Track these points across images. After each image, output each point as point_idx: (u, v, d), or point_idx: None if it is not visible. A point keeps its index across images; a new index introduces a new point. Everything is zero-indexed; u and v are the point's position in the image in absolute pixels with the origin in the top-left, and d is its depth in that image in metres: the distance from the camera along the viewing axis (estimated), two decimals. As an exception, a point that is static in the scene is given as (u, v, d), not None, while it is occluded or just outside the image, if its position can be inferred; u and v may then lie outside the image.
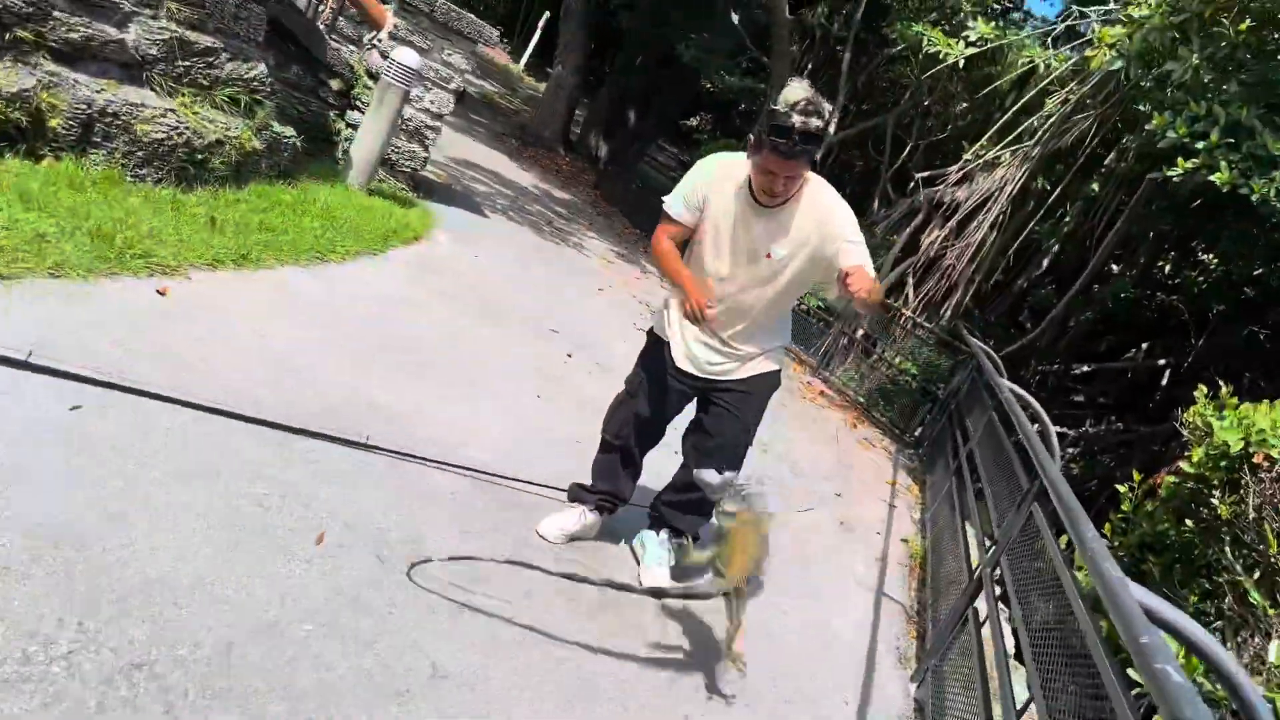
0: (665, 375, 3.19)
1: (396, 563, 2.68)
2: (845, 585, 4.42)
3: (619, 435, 3.31)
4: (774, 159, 2.66)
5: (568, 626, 2.84)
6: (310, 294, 4.35)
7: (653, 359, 3.26)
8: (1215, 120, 5.09)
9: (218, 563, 2.31)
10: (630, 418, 3.28)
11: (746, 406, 3.19)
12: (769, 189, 2.77)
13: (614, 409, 3.37)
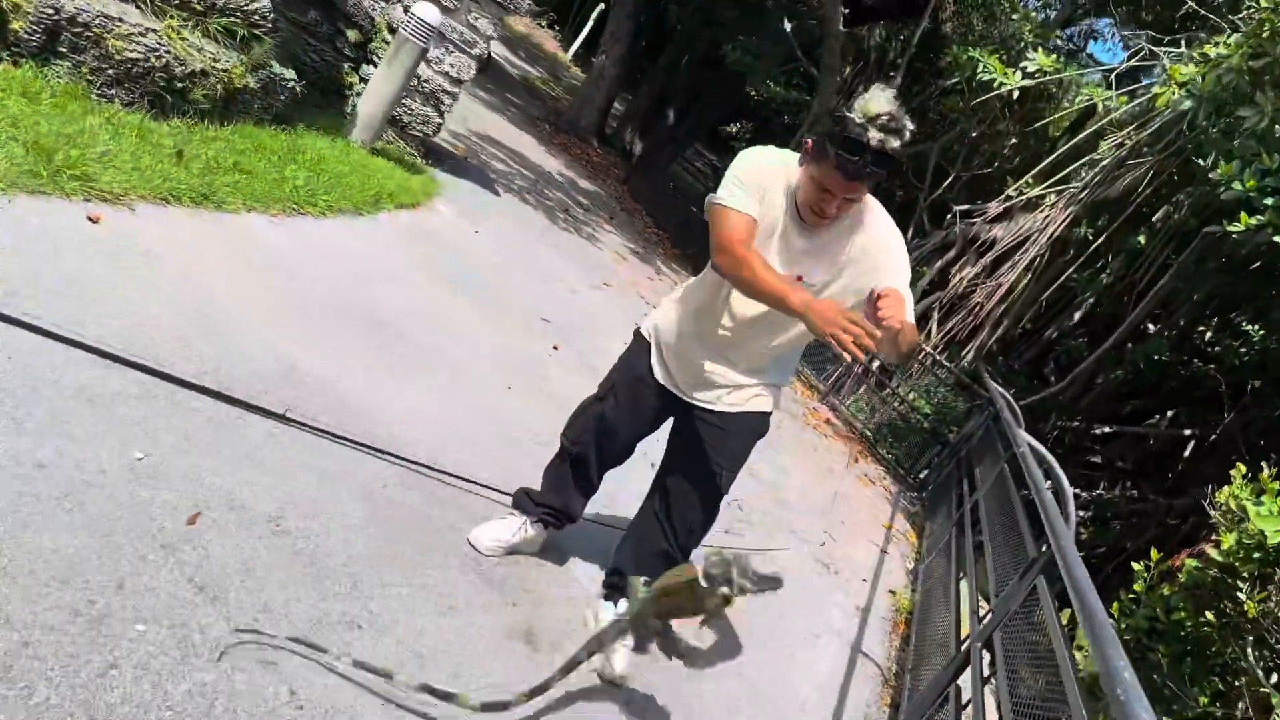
0: (642, 386, 2.76)
1: (280, 553, 2.27)
2: (818, 637, 3.98)
3: (577, 442, 2.86)
4: (836, 176, 2.20)
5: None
6: (271, 246, 3.97)
7: (632, 364, 2.82)
8: (1288, 175, 4.63)
9: (50, 535, 1.91)
10: (593, 424, 2.83)
11: (725, 448, 2.74)
12: (819, 208, 2.31)
13: (578, 412, 2.93)
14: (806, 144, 2.30)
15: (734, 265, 2.29)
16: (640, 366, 2.77)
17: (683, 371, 2.69)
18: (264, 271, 3.68)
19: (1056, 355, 12.71)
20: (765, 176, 2.39)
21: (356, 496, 2.70)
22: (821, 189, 2.26)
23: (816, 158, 2.24)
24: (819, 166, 2.24)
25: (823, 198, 2.28)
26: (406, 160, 6.67)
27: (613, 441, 2.85)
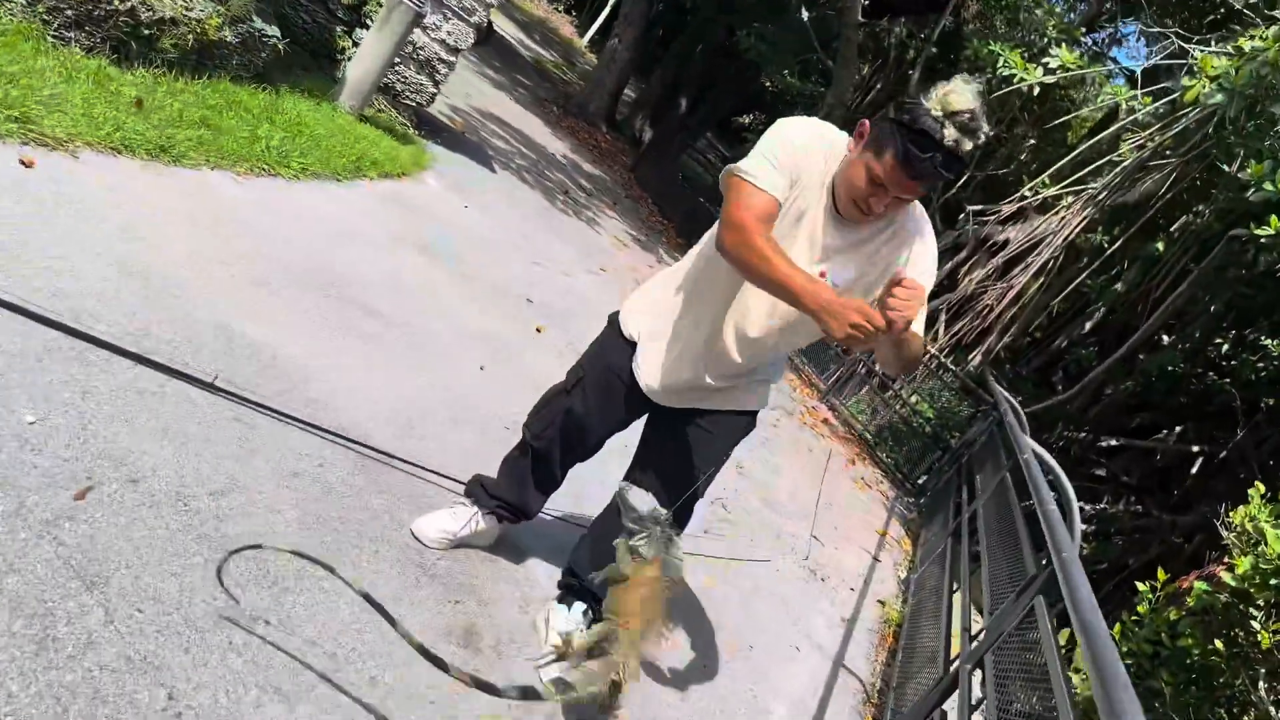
0: (616, 382, 2.45)
1: (182, 536, 2.01)
2: (798, 649, 3.71)
3: (540, 437, 2.56)
4: (897, 172, 1.89)
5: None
6: (232, 205, 3.71)
7: (607, 355, 2.49)
8: (1323, 177, 4.33)
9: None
10: (559, 419, 2.52)
11: (707, 449, 2.46)
12: (866, 203, 1.99)
13: (543, 403, 2.62)
14: (863, 126, 1.98)
15: (742, 245, 1.93)
16: (617, 362, 2.45)
17: (670, 376, 2.36)
18: (219, 232, 3.42)
19: (1066, 364, 12.40)
20: (805, 159, 2.04)
21: (284, 476, 2.44)
22: (874, 183, 1.94)
23: (877, 146, 1.92)
24: (878, 157, 1.91)
25: (874, 193, 1.96)
26: (398, 130, 6.40)
27: (580, 438, 2.56)
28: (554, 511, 3.05)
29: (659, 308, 2.40)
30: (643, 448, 2.55)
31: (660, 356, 2.36)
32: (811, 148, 2.05)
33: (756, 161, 1.99)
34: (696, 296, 2.32)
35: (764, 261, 1.88)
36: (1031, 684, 2.63)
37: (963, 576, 4.45)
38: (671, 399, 2.40)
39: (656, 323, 2.39)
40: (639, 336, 2.41)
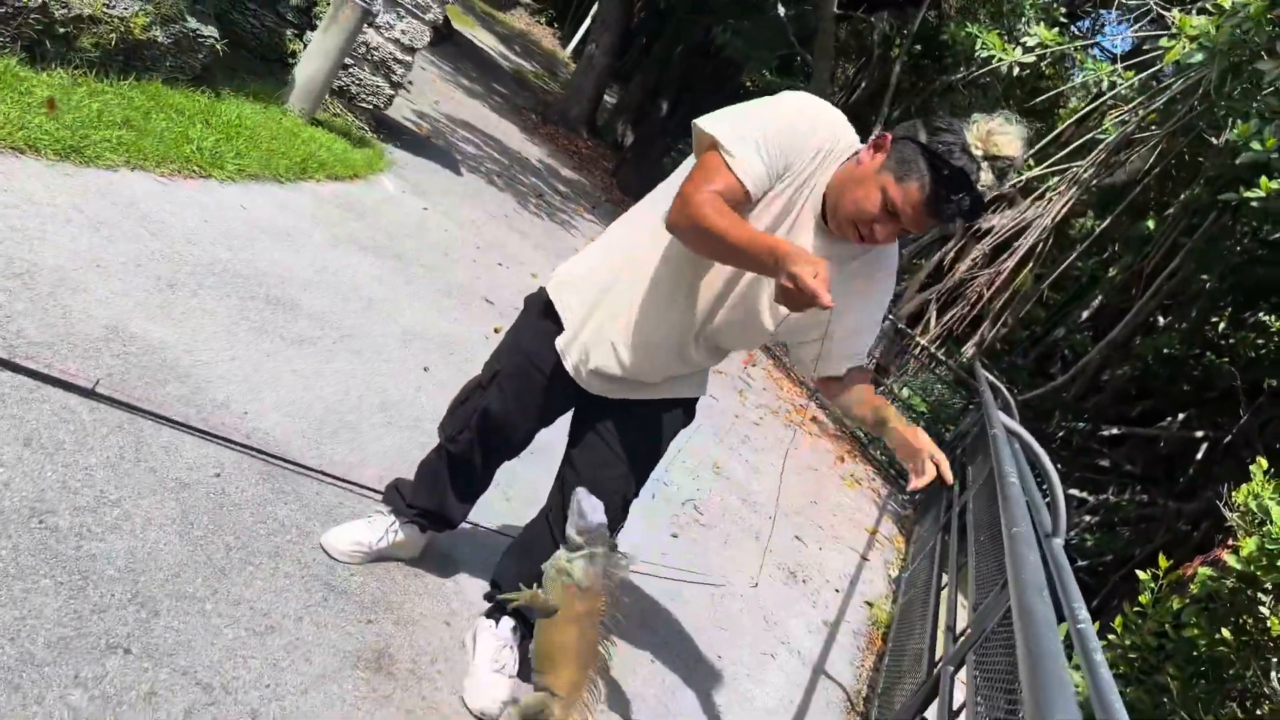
0: (536, 374, 2.17)
1: (32, 555, 1.76)
2: (773, 655, 3.45)
3: (455, 440, 2.31)
4: (917, 206, 1.67)
5: (295, 690, 1.90)
6: (148, 206, 3.46)
7: (525, 342, 2.22)
8: (1312, 135, 4.09)
9: None
10: (474, 418, 2.26)
11: (641, 442, 2.22)
12: (868, 228, 1.74)
13: (459, 401, 2.35)
14: (884, 140, 1.73)
15: (689, 217, 1.69)
16: (536, 349, 2.17)
17: (604, 362, 2.07)
18: (125, 232, 3.17)
19: (1063, 352, 12.16)
20: (799, 148, 1.77)
21: (170, 488, 2.19)
22: (887, 210, 1.69)
23: (900, 171, 1.68)
24: (900, 183, 1.67)
25: (883, 221, 1.71)
26: (354, 133, 6.17)
27: (501, 437, 2.29)
28: (483, 522, 2.80)
29: (595, 285, 2.09)
30: (573, 445, 2.29)
31: (595, 340, 2.07)
32: (811, 136, 1.79)
33: (741, 136, 1.73)
34: (644, 279, 2.01)
35: (724, 225, 1.64)
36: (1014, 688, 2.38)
37: (952, 573, 4.20)
38: (605, 388, 2.14)
39: (592, 302, 2.08)
40: (570, 317, 2.11)
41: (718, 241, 1.65)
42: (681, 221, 1.73)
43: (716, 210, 1.65)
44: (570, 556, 1.84)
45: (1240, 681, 3.54)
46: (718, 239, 1.64)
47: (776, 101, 1.83)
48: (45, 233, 2.85)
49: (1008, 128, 1.64)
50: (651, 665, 2.86)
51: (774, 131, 1.75)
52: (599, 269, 2.10)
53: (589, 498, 1.91)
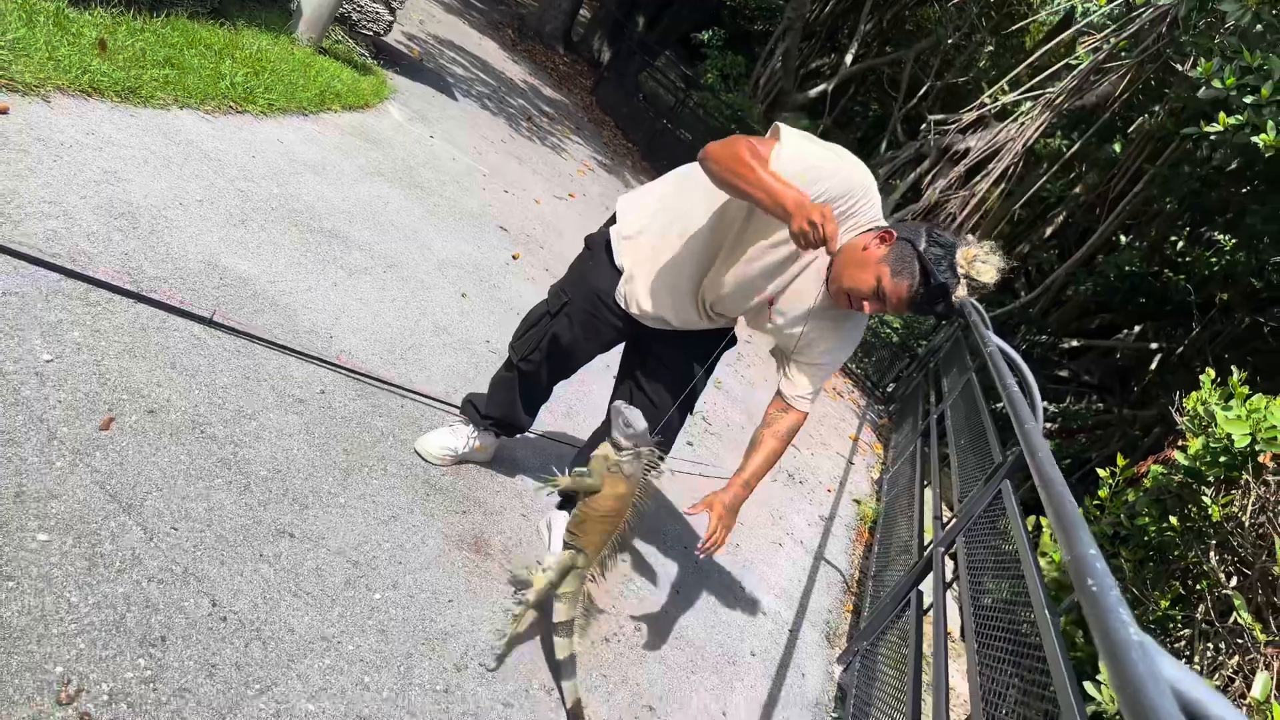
0: (602, 309, 2.49)
1: (203, 460, 2.13)
2: (781, 544, 3.93)
3: (529, 360, 2.62)
4: (900, 299, 2.02)
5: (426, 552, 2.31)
6: (204, 144, 3.72)
7: (592, 281, 2.49)
8: (1269, 74, 4.45)
9: (-63, 441, 1.75)
10: (545, 344, 2.58)
11: (687, 365, 2.57)
12: (859, 301, 2.07)
13: (529, 325, 2.64)
14: (889, 235, 2.04)
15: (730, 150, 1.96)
16: (603, 288, 2.47)
17: (659, 308, 2.41)
18: (194, 170, 3.45)
19: (1028, 269, 12.66)
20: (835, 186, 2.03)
21: (290, 403, 2.55)
22: (876, 294, 2.04)
23: (896, 267, 2.01)
24: (894, 277, 2.01)
25: (871, 300, 2.06)
26: (356, 60, 6.33)
27: (566, 360, 2.63)
28: (546, 430, 3.19)
29: (647, 245, 2.40)
30: (633, 363, 2.65)
31: (648, 289, 2.40)
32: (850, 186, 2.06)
33: (799, 141, 2.02)
34: (693, 241, 2.33)
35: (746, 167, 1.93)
36: (1002, 566, 2.85)
37: (933, 474, 4.68)
38: (659, 324, 2.48)
39: (644, 259, 2.40)
40: (628, 266, 2.42)
41: (747, 171, 1.93)
42: (720, 152, 2.00)
43: (753, 153, 1.96)
44: (619, 454, 2.19)
45: (1183, 562, 4.07)
46: (748, 169, 1.93)
47: (844, 156, 2.11)
48: (131, 174, 3.12)
49: (990, 258, 1.99)
50: (684, 550, 3.31)
51: (823, 155, 2.03)
52: (649, 231, 2.40)
53: (630, 409, 2.23)
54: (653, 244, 2.39)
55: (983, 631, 2.61)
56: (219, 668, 1.72)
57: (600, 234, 2.54)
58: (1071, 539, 1.32)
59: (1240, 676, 3.14)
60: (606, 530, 2.22)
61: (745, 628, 3.11)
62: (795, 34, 12.41)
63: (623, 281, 2.44)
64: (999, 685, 2.41)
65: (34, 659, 1.52)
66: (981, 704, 2.30)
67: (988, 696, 2.38)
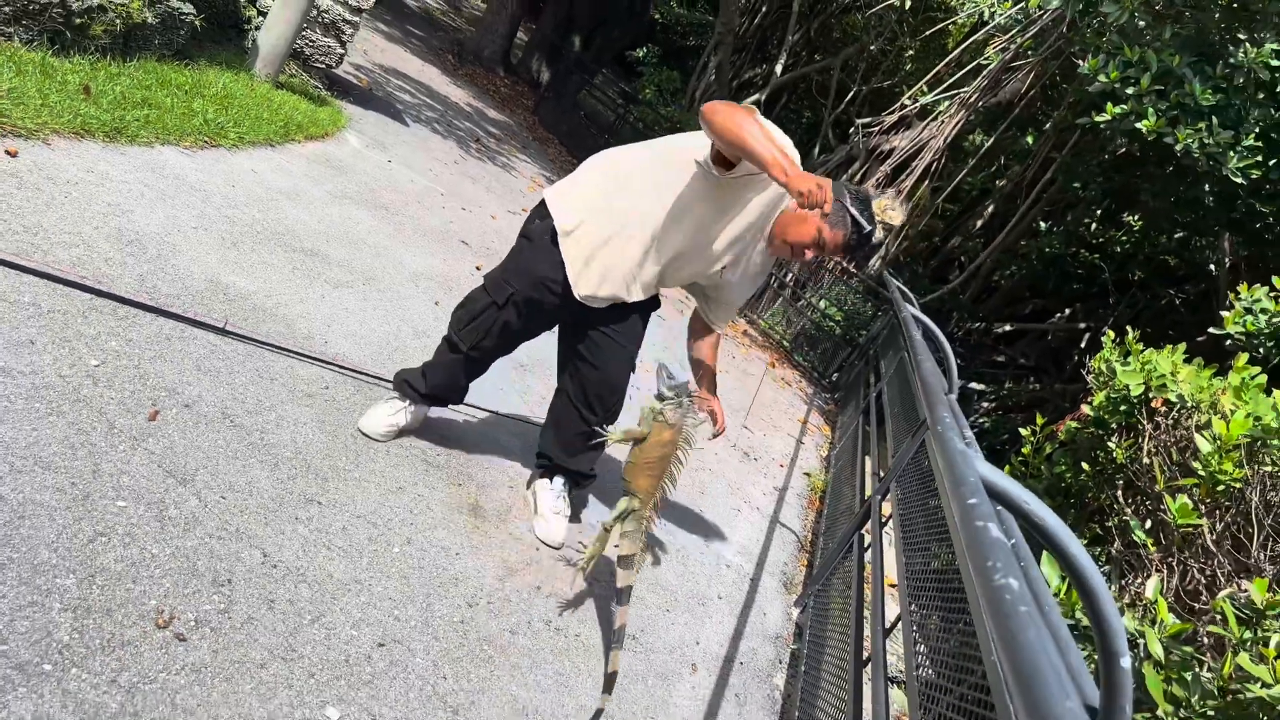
0: (548, 294, 2.73)
1: (236, 444, 2.48)
2: (739, 511, 4.34)
3: (477, 347, 2.84)
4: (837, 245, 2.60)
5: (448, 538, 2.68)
6: (187, 176, 4.04)
7: (537, 268, 2.72)
8: (1146, 66, 5.01)
9: (26, 429, 2.08)
10: (495, 332, 2.81)
11: (630, 331, 2.89)
12: (801, 251, 2.63)
13: (474, 312, 2.83)
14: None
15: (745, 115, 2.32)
16: (548, 276, 2.71)
17: (606, 288, 2.72)
18: (185, 201, 3.77)
19: (958, 259, 13.30)
20: None
21: (300, 398, 2.90)
22: (816, 242, 2.58)
23: (831, 219, 2.55)
24: (830, 227, 2.56)
25: (810, 248, 2.60)
26: (311, 93, 6.66)
27: (512, 343, 2.91)
28: (522, 417, 3.56)
29: (592, 237, 2.68)
30: (572, 343, 2.92)
31: (602, 275, 2.70)
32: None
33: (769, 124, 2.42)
34: (652, 227, 2.67)
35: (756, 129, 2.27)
36: (926, 511, 3.27)
37: (873, 445, 5.13)
38: (600, 304, 2.79)
39: (596, 244, 2.68)
40: (578, 257, 2.70)
41: (758, 135, 2.26)
42: (727, 114, 2.31)
43: (757, 122, 2.34)
44: (662, 404, 2.58)
45: (1096, 503, 4.56)
46: (759, 135, 2.26)
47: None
48: (132, 206, 3.44)
49: (897, 205, 2.70)
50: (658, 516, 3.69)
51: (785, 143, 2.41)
52: (591, 225, 2.69)
53: (672, 364, 2.63)
54: (602, 234, 2.68)
55: (911, 558, 3.03)
56: (276, 603, 2.07)
57: (540, 226, 2.77)
58: (932, 408, 1.73)
59: (1142, 586, 3.60)
60: (656, 473, 2.59)
61: (712, 576, 3.51)
62: (726, 47, 12.95)
63: (573, 271, 2.70)
64: (925, 609, 2.82)
65: (132, 594, 1.86)
66: (910, 611, 2.71)
67: (916, 606, 2.78)
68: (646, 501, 2.59)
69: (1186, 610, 3.46)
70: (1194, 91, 4.83)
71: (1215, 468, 3.31)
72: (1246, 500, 3.34)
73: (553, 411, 3.13)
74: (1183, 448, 3.91)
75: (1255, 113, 4.84)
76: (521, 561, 2.81)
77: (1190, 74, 4.90)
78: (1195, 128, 4.86)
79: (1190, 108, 4.89)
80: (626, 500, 2.60)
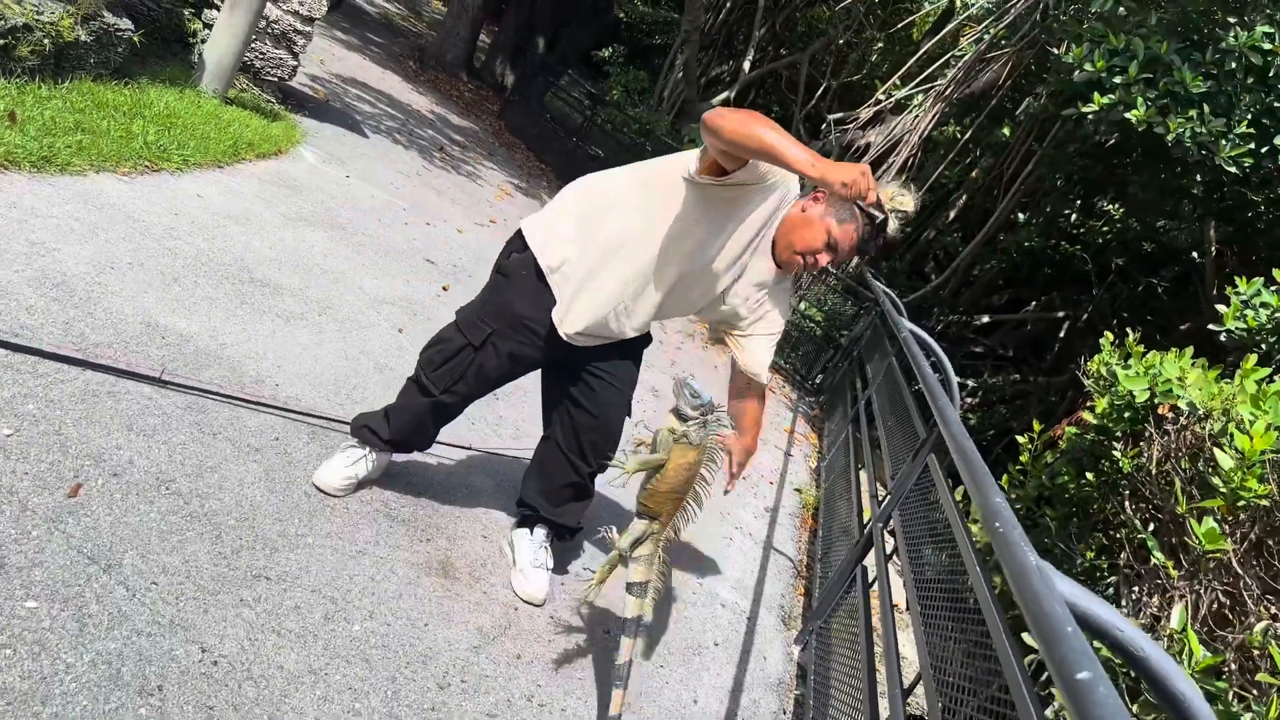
0: (530, 335, 2.50)
1: (172, 515, 2.20)
2: (731, 539, 4.10)
3: (451, 391, 2.57)
4: (852, 243, 2.34)
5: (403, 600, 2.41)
6: (126, 206, 3.74)
7: (518, 307, 2.49)
8: (1134, 54, 4.82)
9: (-85, 524, 1.80)
10: (470, 373, 2.54)
11: (625, 373, 2.66)
12: (813, 256, 2.37)
13: (447, 354, 2.57)
14: (820, 195, 2.34)
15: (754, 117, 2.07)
16: (528, 315, 2.49)
17: (595, 330, 2.49)
18: (120, 233, 3.48)
19: (935, 253, 13.15)
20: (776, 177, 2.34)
21: (247, 452, 2.62)
22: (828, 244, 2.33)
23: (839, 215, 2.31)
24: (839, 224, 2.31)
25: (823, 251, 2.34)
26: (263, 107, 6.35)
27: (488, 387, 2.65)
28: (494, 452, 3.30)
29: (580, 269, 2.44)
30: (561, 387, 2.68)
31: (593, 312, 2.46)
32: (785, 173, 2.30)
33: None
34: (644, 258, 2.42)
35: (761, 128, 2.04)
36: (935, 535, 3.05)
37: (866, 457, 4.91)
38: (591, 343, 2.55)
39: (581, 279, 2.45)
40: (562, 297, 2.47)
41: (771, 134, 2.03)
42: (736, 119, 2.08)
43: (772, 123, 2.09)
44: (685, 425, 2.31)
45: (1102, 514, 4.36)
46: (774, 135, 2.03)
47: None
48: (59, 244, 3.15)
49: (905, 192, 2.35)
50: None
51: None
52: (576, 259, 2.45)
53: (694, 381, 2.33)
54: (587, 267, 2.45)
55: (925, 598, 2.81)
56: (216, 709, 1.80)
57: (518, 260, 2.54)
58: (982, 490, 1.50)
59: (1164, 614, 3.40)
60: (678, 498, 2.32)
61: (707, 620, 3.27)
62: (693, 45, 12.71)
63: (559, 309, 2.48)
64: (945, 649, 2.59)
65: (41, 719, 1.59)
66: (931, 670, 2.48)
67: (935, 661, 2.56)
68: (665, 525, 2.33)
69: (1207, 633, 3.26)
70: (1184, 79, 4.64)
71: (1238, 484, 3.11)
72: (1273, 517, 3.14)
73: (538, 457, 2.87)
74: (1194, 457, 3.71)
75: (1246, 99, 4.67)
76: (498, 627, 2.55)
77: (1179, 61, 4.72)
78: (1186, 116, 4.67)
79: (1181, 96, 4.70)
80: (644, 524, 2.34)
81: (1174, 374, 3.77)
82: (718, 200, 2.35)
